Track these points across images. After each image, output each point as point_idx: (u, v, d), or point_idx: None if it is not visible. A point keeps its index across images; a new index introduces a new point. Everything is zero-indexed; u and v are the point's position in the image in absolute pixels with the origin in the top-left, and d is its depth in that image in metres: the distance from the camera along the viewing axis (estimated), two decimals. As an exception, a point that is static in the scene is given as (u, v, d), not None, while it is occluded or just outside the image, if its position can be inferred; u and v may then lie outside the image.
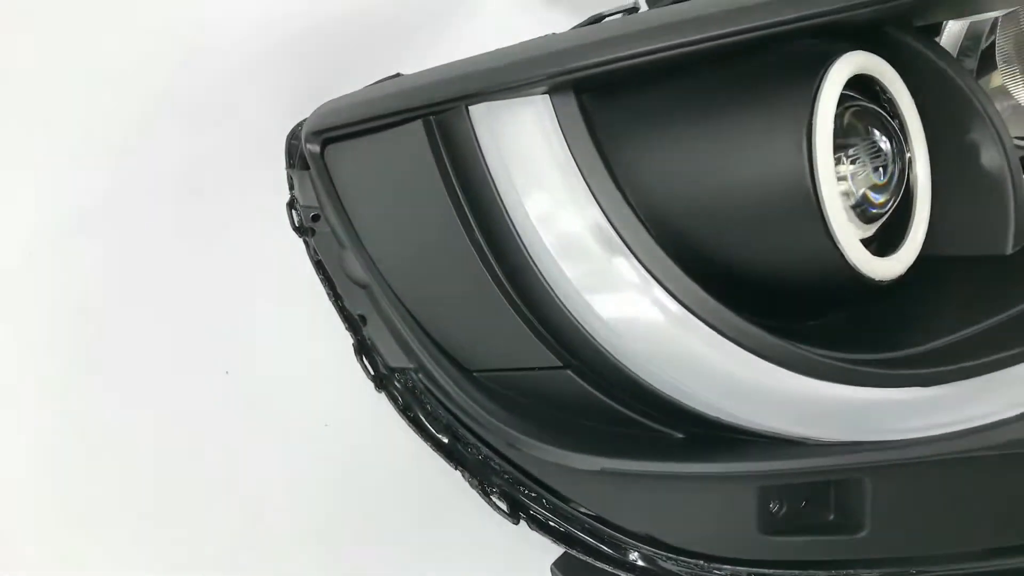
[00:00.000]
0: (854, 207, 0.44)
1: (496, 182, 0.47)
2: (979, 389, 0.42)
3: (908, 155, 0.47)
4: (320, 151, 0.56)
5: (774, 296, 0.46)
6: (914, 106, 0.47)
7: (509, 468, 0.52)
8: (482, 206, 0.48)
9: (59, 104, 0.70)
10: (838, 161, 0.43)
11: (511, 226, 0.47)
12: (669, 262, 0.44)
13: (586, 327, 0.46)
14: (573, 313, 0.46)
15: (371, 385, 0.57)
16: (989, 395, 0.42)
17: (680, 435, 0.46)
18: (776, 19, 0.42)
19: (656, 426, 0.46)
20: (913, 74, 0.47)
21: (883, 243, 0.47)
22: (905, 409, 0.43)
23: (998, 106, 0.57)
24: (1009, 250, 0.47)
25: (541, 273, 0.47)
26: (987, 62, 0.58)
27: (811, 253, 0.43)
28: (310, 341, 0.66)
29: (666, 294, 0.44)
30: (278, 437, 0.65)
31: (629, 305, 0.45)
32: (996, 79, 0.58)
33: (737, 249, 0.45)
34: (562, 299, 0.46)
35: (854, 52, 0.44)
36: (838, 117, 0.43)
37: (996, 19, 0.58)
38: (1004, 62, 0.58)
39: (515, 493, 0.52)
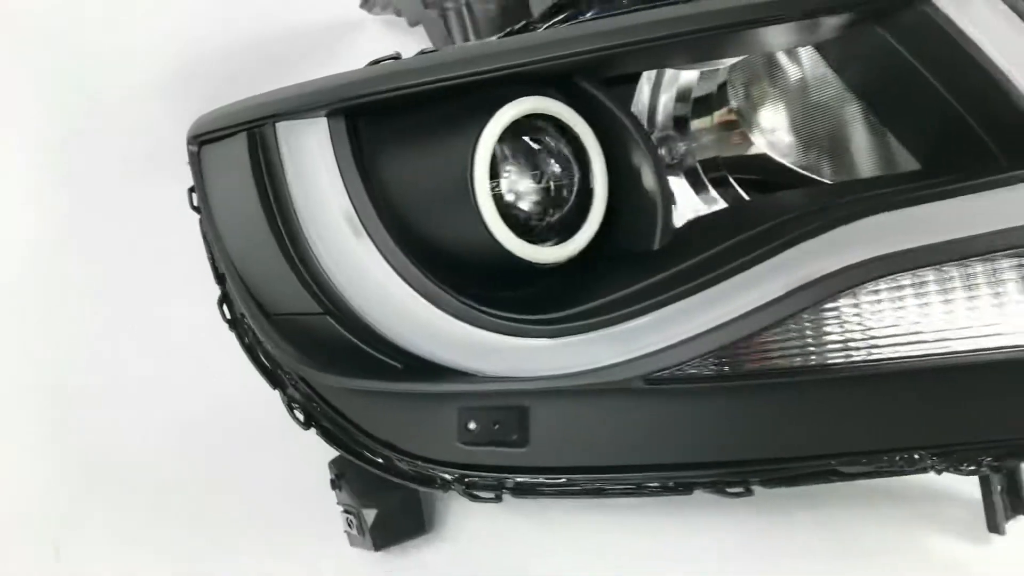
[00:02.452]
0: (521, 210, 0.61)
1: (287, 179, 0.66)
2: (590, 341, 0.59)
3: (590, 174, 0.64)
4: (197, 152, 0.75)
5: (477, 271, 0.63)
6: (593, 137, 0.64)
7: (305, 388, 0.71)
8: (278, 196, 0.66)
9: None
10: (508, 174, 0.61)
11: (294, 210, 0.65)
12: (391, 242, 0.62)
13: (337, 285, 0.64)
14: (330, 275, 0.64)
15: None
16: (597, 346, 0.58)
17: (399, 365, 0.64)
18: (463, 72, 0.59)
19: (383, 358, 0.64)
20: (594, 114, 0.64)
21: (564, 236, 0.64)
22: (539, 353, 0.60)
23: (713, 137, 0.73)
24: (656, 246, 0.63)
25: (311, 246, 0.65)
26: (702, 104, 0.73)
27: (481, 243, 0.60)
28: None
29: (387, 265, 0.62)
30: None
31: (364, 271, 0.63)
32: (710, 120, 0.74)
33: (445, 237, 0.63)
34: (324, 264, 0.64)
35: (522, 99, 0.60)
36: (515, 142, 0.61)
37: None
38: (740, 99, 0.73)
39: (309, 408, 0.71)
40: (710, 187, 0.74)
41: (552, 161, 0.62)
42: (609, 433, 0.62)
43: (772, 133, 0.72)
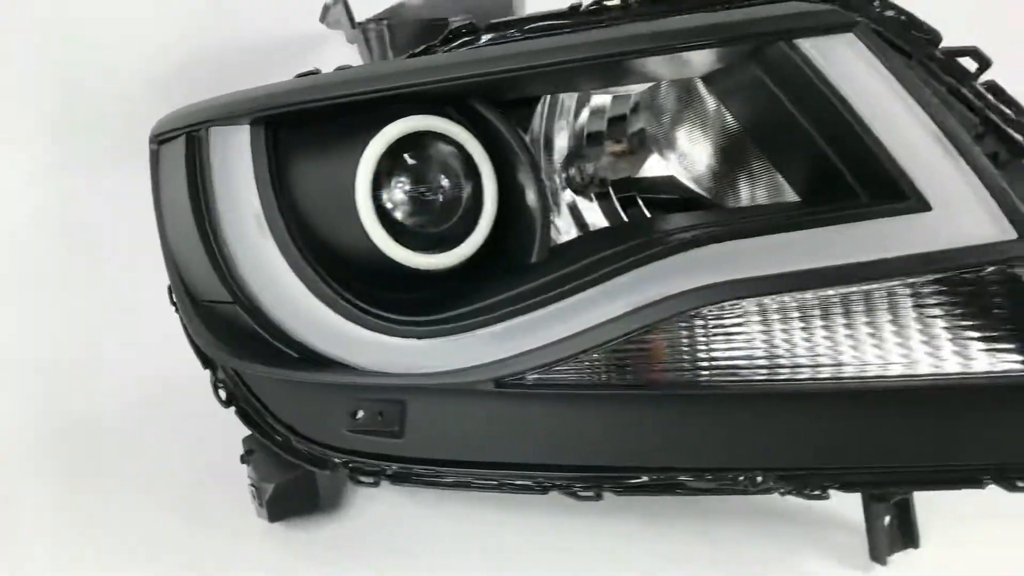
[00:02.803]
0: (409, 219, 0.66)
1: (213, 179, 0.72)
2: (450, 344, 0.63)
3: (481, 190, 0.68)
4: (156, 150, 0.82)
5: (372, 273, 0.69)
6: (486, 156, 0.68)
7: (231, 370, 0.77)
8: (205, 194, 0.72)
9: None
10: (399, 186, 0.66)
11: (216, 208, 0.72)
12: (290, 243, 0.67)
13: (246, 278, 0.70)
14: (240, 268, 0.71)
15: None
16: (455, 350, 0.63)
17: (295, 355, 0.70)
18: (358, 90, 0.65)
19: (281, 347, 0.70)
20: (487, 134, 0.68)
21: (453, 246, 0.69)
22: (409, 352, 0.65)
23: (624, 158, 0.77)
24: (532, 260, 0.68)
25: (227, 241, 0.71)
26: (614, 125, 0.77)
27: (366, 247, 0.66)
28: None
29: (285, 263, 0.68)
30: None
31: (267, 267, 0.69)
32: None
33: (339, 240, 0.68)
34: (236, 258, 0.71)
35: (410, 117, 0.65)
36: (409, 156, 0.66)
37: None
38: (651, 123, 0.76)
39: (232, 389, 0.78)
40: (618, 207, 0.77)
41: (443, 176, 0.67)
42: (470, 430, 0.67)
43: (680, 157, 0.75)
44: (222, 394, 0.78)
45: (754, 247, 0.59)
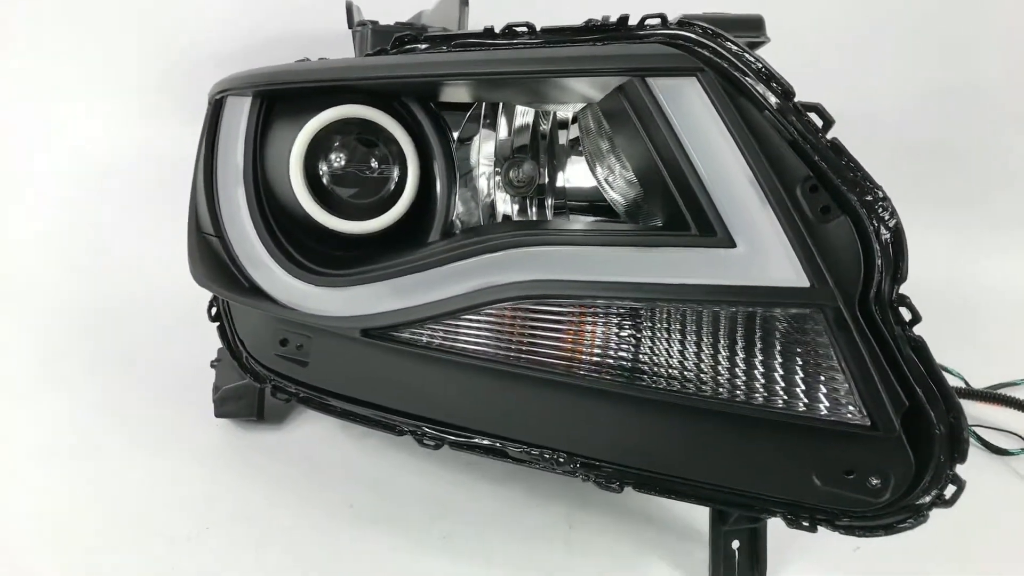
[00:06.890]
0: (339, 190, 0.80)
1: (220, 135, 0.90)
2: (334, 295, 0.77)
3: (406, 174, 0.81)
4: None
5: (303, 227, 0.83)
6: (413, 146, 0.80)
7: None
8: (213, 148, 0.90)
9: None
10: (336, 161, 0.80)
11: (218, 157, 0.89)
12: (252, 196, 0.83)
13: (222, 217, 0.87)
14: (221, 209, 0.87)
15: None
16: (338, 299, 0.76)
17: (247, 284, 0.85)
18: (319, 79, 0.79)
19: (240, 277, 0.85)
20: (417, 128, 0.80)
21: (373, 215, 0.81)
22: (309, 295, 0.78)
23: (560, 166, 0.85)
24: (430, 240, 0.79)
25: (218, 186, 0.88)
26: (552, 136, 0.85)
27: (300, 209, 0.80)
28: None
29: (246, 208, 0.84)
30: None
31: (234, 210, 0.85)
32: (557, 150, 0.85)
33: (286, 200, 0.83)
34: (220, 200, 0.88)
35: (342, 107, 0.78)
36: (347, 139, 0.80)
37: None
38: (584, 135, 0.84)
39: (219, 307, 0.95)
40: (548, 211, 0.86)
41: (372, 158, 0.80)
42: (348, 369, 0.79)
43: (606, 173, 0.83)
44: (212, 311, 0.96)
45: (568, 254, 0.67)
